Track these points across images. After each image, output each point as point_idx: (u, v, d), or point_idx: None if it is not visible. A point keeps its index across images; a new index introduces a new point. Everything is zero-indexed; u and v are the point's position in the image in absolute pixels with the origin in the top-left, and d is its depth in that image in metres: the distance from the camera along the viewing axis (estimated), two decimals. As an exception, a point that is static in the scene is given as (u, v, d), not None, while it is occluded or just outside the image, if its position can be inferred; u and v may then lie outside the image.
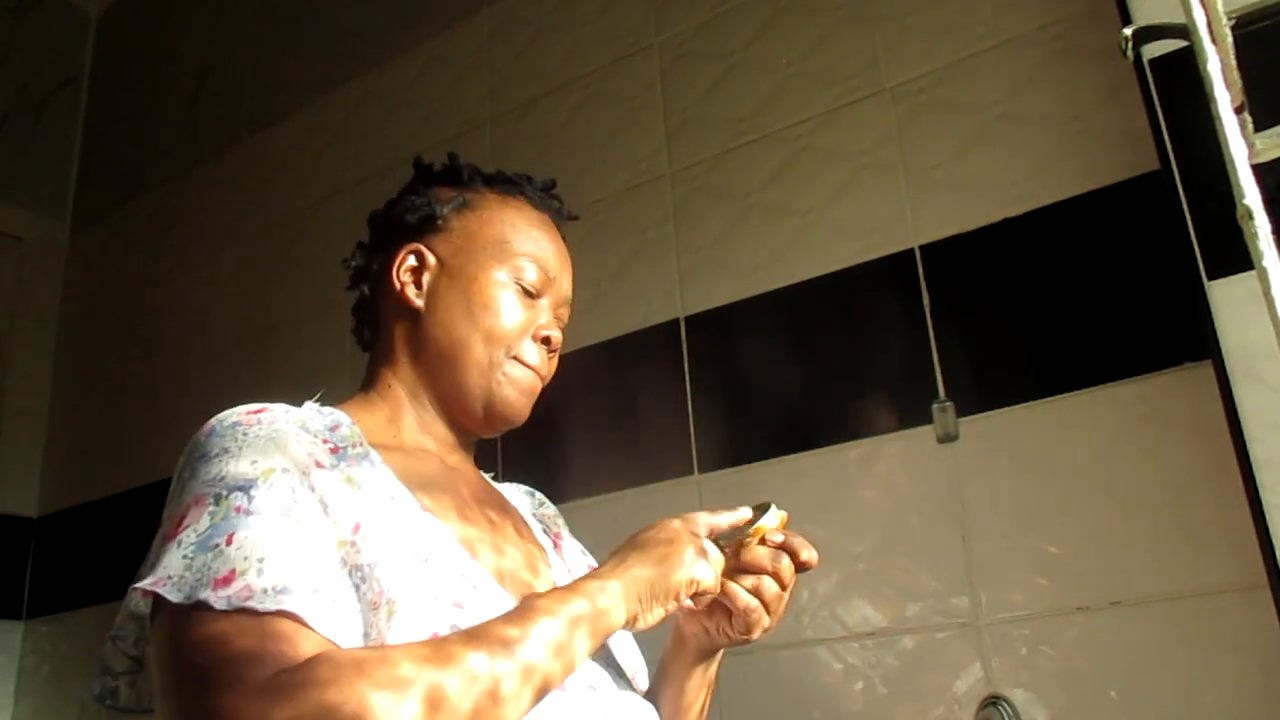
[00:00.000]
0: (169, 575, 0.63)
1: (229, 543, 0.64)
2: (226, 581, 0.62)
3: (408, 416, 0.89)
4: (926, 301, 1.47)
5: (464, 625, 0.67)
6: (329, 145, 2.31)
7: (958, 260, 1.46)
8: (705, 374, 1.66)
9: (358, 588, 0.68)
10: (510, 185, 0.97)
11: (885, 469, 1.45)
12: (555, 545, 0.95)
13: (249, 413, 0.76)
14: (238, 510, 0.66)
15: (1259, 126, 0.64)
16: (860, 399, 1.50)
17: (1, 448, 2.59)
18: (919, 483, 1.42)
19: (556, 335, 0.93)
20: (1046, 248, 1.40)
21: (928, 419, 1.42)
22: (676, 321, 1.71)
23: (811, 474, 1.51)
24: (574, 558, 0.96)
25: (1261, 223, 0.61)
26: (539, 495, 1.04)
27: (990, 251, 1.44)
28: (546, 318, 0.92)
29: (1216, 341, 1.05)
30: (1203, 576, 1.20)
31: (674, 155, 1.79)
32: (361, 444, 0.79)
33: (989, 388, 1.40)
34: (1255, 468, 1.01)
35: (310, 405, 0.83)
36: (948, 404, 1.41)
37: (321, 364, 2.05)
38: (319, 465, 0.73)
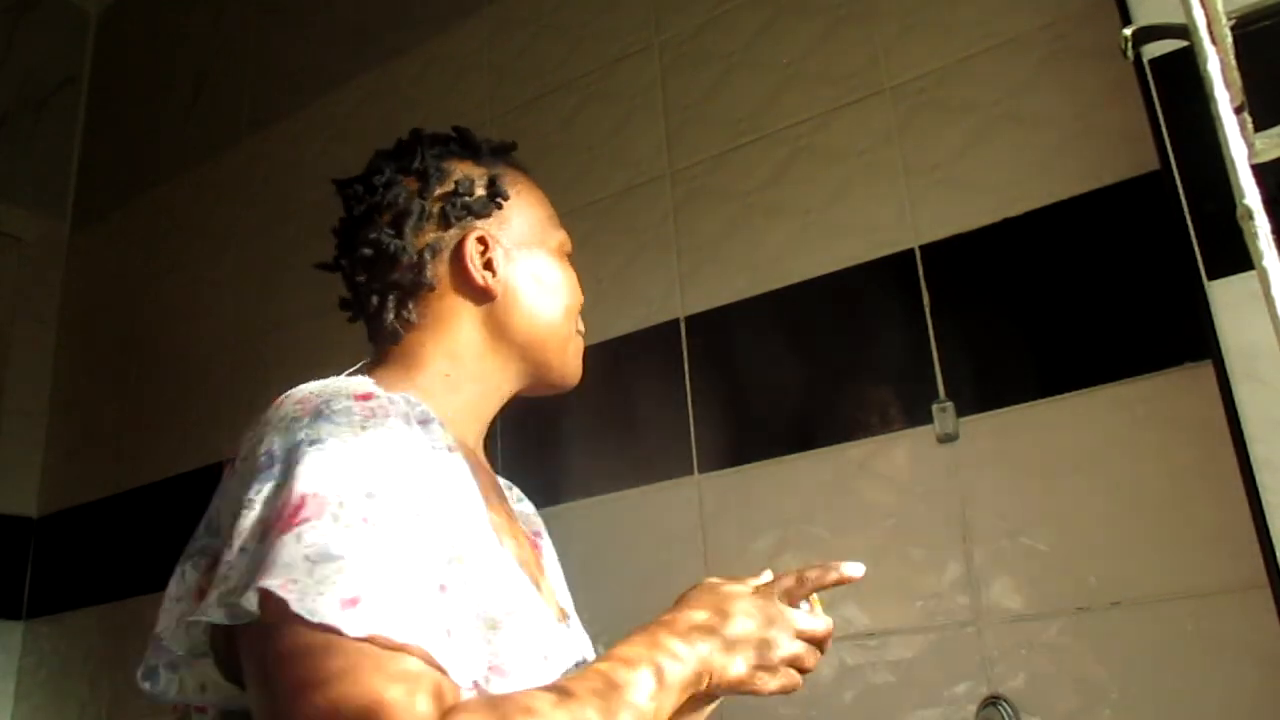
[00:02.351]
0: (294, 578, 0.59)
1: (356, 557, 0.60)
2: (354, 603, 0.58)
3: (462, 405, 0.85)
4: (926, 301, 1.47)
5: (551, 649, 0.72)
6: (329, 145, 2.31)
7: (958, 260, 1.46)
8: (705, 374, 1.66)
9: (467, 607, 0.66)
10: (507, 155, 0.96)
11: (885, 469, 1.45)
12: (533, 545, 0.92)
13: (356, 396, 0.71)
14: (365, 521, 0.62)
15: (1259, 126, 0.64)
16: (860, 399, 1.50)
17: (1, 448, 2.59)
18: (919, 483, 1.42)
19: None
20: (1046, 248, 1.40)
21: (928, 419, 1.42)
22: (676, 321, 1.71)
23: (811, 474, 1.51)
24: (550, 564, 0.94)
25: (1261, 223, 0.61)
26: (516, 490, 1.00)
27: (990, 251, 1.44)
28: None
29: (1216, 341, 1.05)
30: (1203, 576, 1.20)
31: (674, 155, 1.79)
32: (451, 443, 0.75)
33: (989, 388, 1.40)
34: (1255, 468, 1.01)
35: (373, 385, 0.76)
36: (948, 404, 1.41)
37: (322, 364, 2.04)
38: (429, 474, 0.69)
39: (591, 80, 1.94)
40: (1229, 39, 0.64)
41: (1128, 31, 0.75)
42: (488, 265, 0.87)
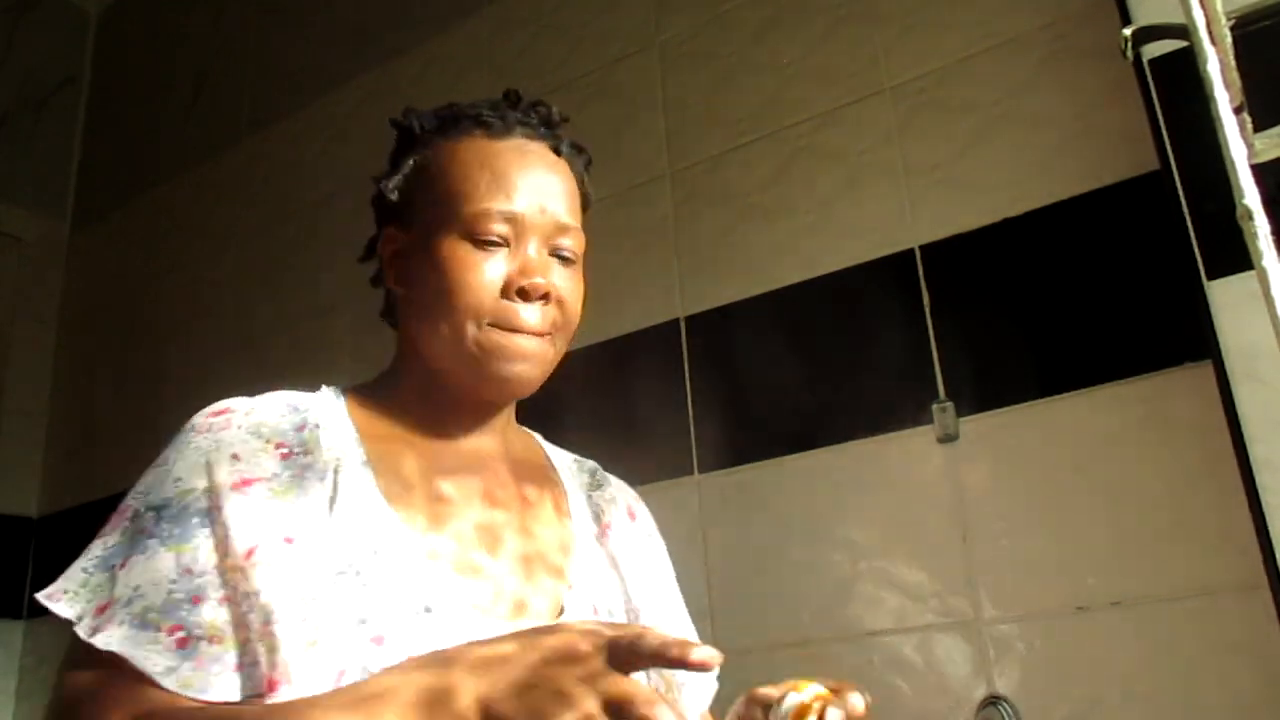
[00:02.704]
0: (64, 589, 0.67)
1: (122, 567, 0.67)
2: (101, 610, 0.65)
3: (423, 402, 0.82)
4: (926, 301, 1.47)
5: (377, 664, 0.62)
6: (329, 145, 2.31)
7: (958, 260, 1.46)
8: (705, 374, 1.66)
9: (246, 616, 0.65)
10: (459, 122, 0.84)
11: (885, 469, 1.45)
12: (603, 532, 0.87)
13: (210, 414, 0.76)
14: (143, 533, 0.68)
15: (1259, 126, 0.64)
16: (860, 399, 1.50)
17: (1, 448, 2.59)
18: (919, 483, 1.42)
19: (538, 283, 0.78)
20: (1046, 248, 1.40)
21: (928, 419, 1.42)
22: (676, 321, 1.71)
23: (811, 474, 1.51)
24: (625, 550, 0.88)
25: (1261, 223, 0.61)
26: (600, 475, 0.95)
27: (990, 251, 1.44)
28: (523, 264, 0.78)
29: (1216, 341, 1.05)
30: (1203, 576, 1.20)
31: (674, 155, 1.79)
32: (318, 449, 0.74)
33: (989, 388, 1.40)
34: (1255, 468, 1.01)
35: (304, 395, 0.80)
36: (948, 404, 1.41)
37: (322, 364, 2.05)
38: (244, 483, 0.70)
39: (591, 80, 1.94)
40: (1229, 39, 0.64)
41: (1128, 31, 0.75)
42: (398, 265, 0.84)
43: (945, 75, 1.54)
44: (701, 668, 0.54)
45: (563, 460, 0.94)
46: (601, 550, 0.86)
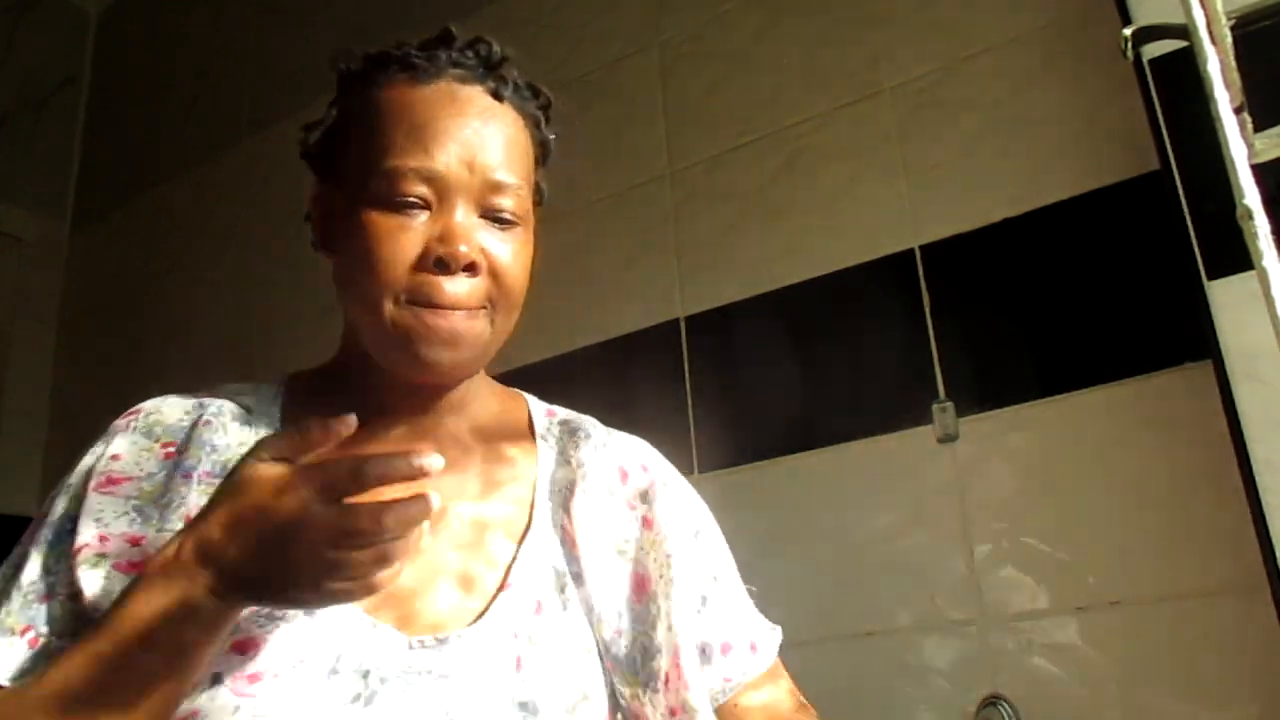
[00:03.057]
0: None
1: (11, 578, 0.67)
2: None
3: (361, 382, 0.75)
4: (926, 301, 1.47)
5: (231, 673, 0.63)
6: (329, 145, 2.31)
7: (958, 260, 1.46)
8: (705, 374, 1.66)
9: (82, 613, 0.64)
10: (386, 66, 0.77)
11: (885, 469, 1.45)
12: (566, 500, 0.77)
13: (123, 415, 0.77)
14: (24, 538, 0.69)
15: (1259, 126, 0.64)
16: (860, 399, 1.50)
17: (1, 448, 2.59)
18: (919, 483, 1.42)
19: (459, 251, 0.68)
20: (1046, 248, 1.40)
21: (928, 419, 1.42)
22: (676, 321, 1.71)
23: (811, 474, 1.51)
24: (591, 515, 0.77)
25: (1261, 223, 0.61)
26: (586, 433, 0.83)
27: (990, 251, 1.44)
28: (444, 230, 0.69)
29: (1216, 341, 1.05)
30: (1203, 576, 1.20)
31: (674, 155, 1.79)
32: (197, 447, 0.71)
33: (989, 388, 1.40)
34: (1255, 468, 1.01)
35: (229, 388, 0.78)
36: (948, 404, 1.41)
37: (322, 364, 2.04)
38: (110, 482, 0.70)
39: (591, 80, 1.94)
40: (1229, 39, 0.64)
41: (1128, 31, 0.75)
42: (322, 228, 0.76)
43: (945, 75, 1.54)
44: (420, 474, 0.55)
45: (547, 425, 0.84)
46: (556, 521, 0.77)
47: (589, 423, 0.86)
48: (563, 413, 0.87)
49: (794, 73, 1.70)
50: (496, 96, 0.75)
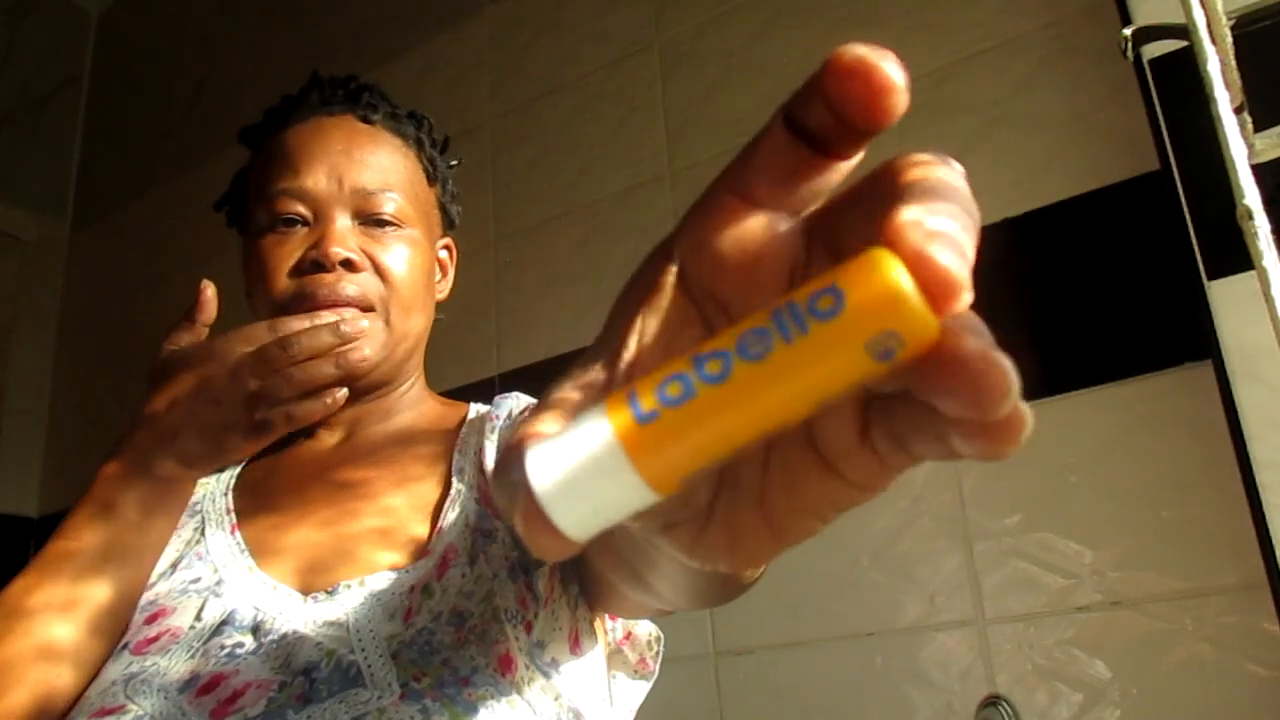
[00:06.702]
0: None
1: None
2: None
3: None
4: (926, 301, 1.47)
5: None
6: (329, 145, 2.31)
7: (958, 260, 1.46)
8: (705, 374, 1.65)
9: None
10: (268, 125, 0.86)
11: (885, 469, 1.45)
12: (480, 470, 0.75)
13: None
14: None
15: (1259, 126, 0.64)
16: (860, 399, 1.50)
17: (1, 448, 2.59)
18: (919, 482, 1.42)
19: (332, 251, 0.72)
20: (1046, 248, 1.40)
21: (928, 419, 1.42)
22: (676, 321, 1.71)
23: (811, 474, 1.51)
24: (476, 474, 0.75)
25: (1261, 223, 0.61)
26: (501, 409, 0.78)
27: (990, 251, 1.44)
28: (319, 236, 0.74)
29: (1216, 341, 1.05)
30: (1203, 576, 1.20)
31: (674, 155, 1.79)
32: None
33: (989, 388, 1.39)
34: (1255, 468, 1.01)
35: None
36: (948, 404, 1.41)
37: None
38: None
39: (591, 80, 1.94)
40: (1229, 39, 0.64)
41: (1128, 31, 0.75)
42: (243, 277, 0.85)
43: (945, 75, 1.54)
44: (343, 339, 0.68)
45: (475, 414, 0.82)
46: (473, 484, 0.74)
47: (508, 404, 0.82)
48: (515, 402, 0.84)
49: (793, 73, 1.69)
50: (367, 121, 0.83)
